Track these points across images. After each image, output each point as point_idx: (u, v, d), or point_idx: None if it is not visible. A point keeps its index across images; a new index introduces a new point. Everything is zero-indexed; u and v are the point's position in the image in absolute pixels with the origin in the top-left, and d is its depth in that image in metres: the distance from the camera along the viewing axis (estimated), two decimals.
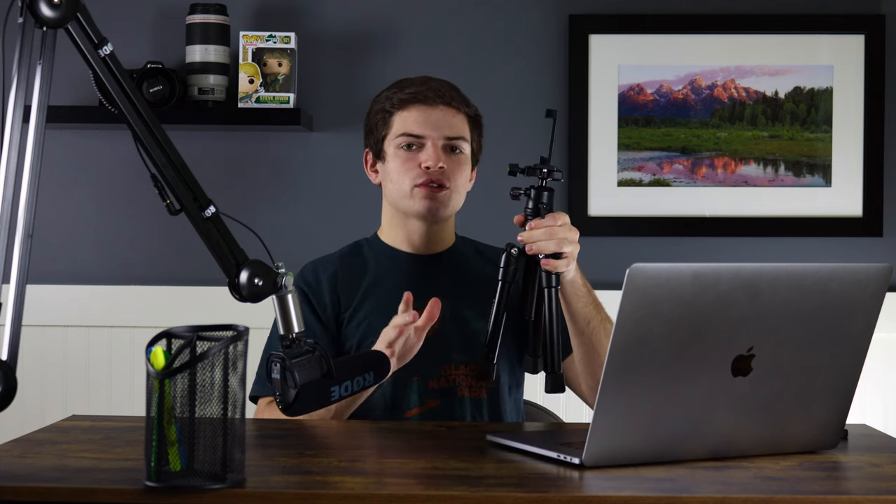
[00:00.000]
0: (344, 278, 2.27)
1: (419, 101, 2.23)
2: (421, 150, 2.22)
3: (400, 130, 2.23)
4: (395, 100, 2.25)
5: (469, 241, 2.36)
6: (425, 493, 1.45)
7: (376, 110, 2.28)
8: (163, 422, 1.45)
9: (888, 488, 1.53)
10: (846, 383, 1.72)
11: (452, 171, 2.22)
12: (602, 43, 3.10)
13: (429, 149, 2.21)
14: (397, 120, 2.24)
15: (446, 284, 2.25)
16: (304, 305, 2.22)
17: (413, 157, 2.22)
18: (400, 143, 2.23)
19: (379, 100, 2.29)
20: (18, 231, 1.53)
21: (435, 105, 2.23)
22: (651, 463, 1.62)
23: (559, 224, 2.05)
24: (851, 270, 1.67)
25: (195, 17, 3.01)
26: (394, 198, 2.26)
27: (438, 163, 2.20)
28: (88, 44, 1.62)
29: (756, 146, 3.12)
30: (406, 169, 2.22)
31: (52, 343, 3.10)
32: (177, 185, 1.67)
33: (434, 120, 2.22)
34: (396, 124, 2.24)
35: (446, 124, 2.23)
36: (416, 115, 2.23)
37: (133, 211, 3.13)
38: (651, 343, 1.56)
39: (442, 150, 2.22)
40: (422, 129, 2.22)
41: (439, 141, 2.22)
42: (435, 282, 2.25)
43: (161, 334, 1.49)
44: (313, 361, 1.70)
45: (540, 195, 2.06)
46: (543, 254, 2.05)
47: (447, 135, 2.22)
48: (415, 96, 2.23)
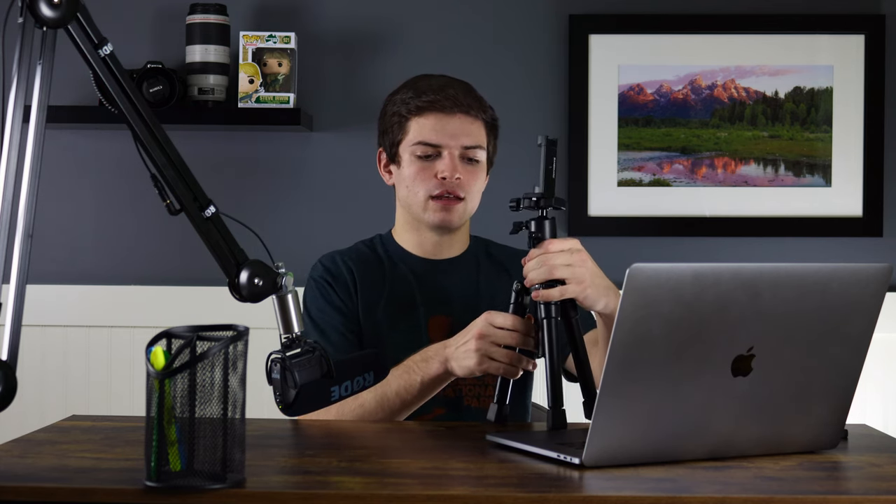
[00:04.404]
0: (363, 272, 2.25)
1: (436, 109, 2.20)
2: (437, 158, 2.20)
3: (416, 138, 2.21)
4: (412, 105, 2.21)
5: (482, 244, 2.35)
6: (425, 493, 1.45)
7: (392, 112, 2.25)
8: (163, 422, 1.45)
9: (888, 488, 1.53)
10: (846, 383, 1.72)
11: (468, 181, 2.21)
12: (602, 43, 3.10)
13: (446, 159, 2.19)
14: (413, 126, 2.21)
15: (456, 292, 2.25)
16: (329, 292, 2.21)
17: (429, 166, 2.20)
18: (416, 151, 2.21)
19: (395, 101, 2.25)
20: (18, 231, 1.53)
21: (453, 113, 2.20)
22: (651, 463, 1.62)
23: (555, 250, 1.91)
24: (851, 270, 1.67)
25: (195, 17, 3.01)
26: (408, 204, 2.24)
27: (455, 174, 2.18)
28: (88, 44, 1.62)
29: (756, 146, 3.12)
30: (422, 178, 2.20)
31: (52, 343, 3.10)
32: (177, 185, 1.67)
33: (451, 129, 2.20)
34: (413, 131, 2.21)
35: (464, 133, 2.20)
36: (434, 122, 2.20)
37: (133, 211, 3.13)
38: (651, 343, 1.56)
39: (458, 159, 2.20)
40: (439, 138, 2.20)
41: (456, 150, 2.20)
42: (446, 289, 2.25)
43: (161, 334, 1.49)
44: (313, 361, 1.70)
45: (540, 225, 1.94)
46: (536, 283, 1.91)
47: (465, 144, 2.20)
48: (433, 104, 2.20)
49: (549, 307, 1.90)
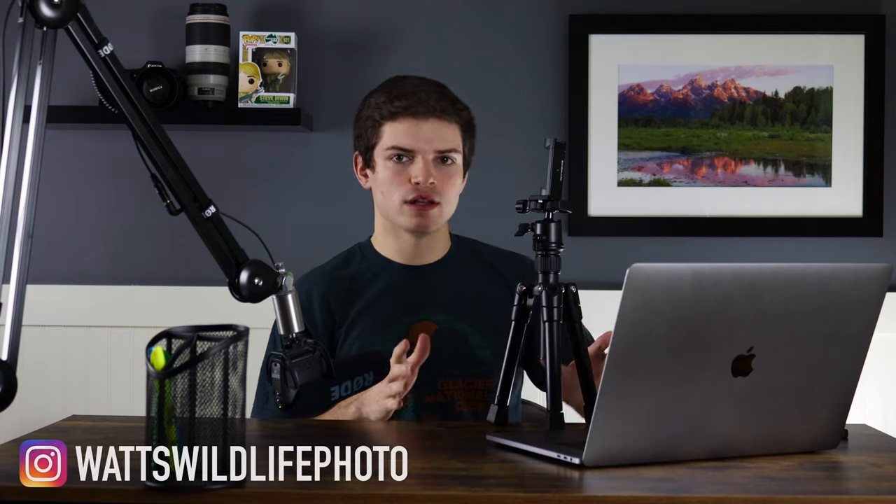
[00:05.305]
0: (337, 296, 2.23)
1: (410, 114, 2.19)
2: (411, 163, 2.19)
3: (390, 143, 2.20)
4: (385, 111, 2.20)
5: (467, 244, 2.33)
6: (425, 493, 1.45)
7: (365, 116, 2.24)
8: (163, 422, 1.45)
9: (888, 488, 1.53)
10: (846, 383, 1.72)
11: (443, 184, 2.19)
12: (602, 43, 3.10)
13: (419, 163, 2.18)
14: (387, 131, 2.20)
15: (441, 297, 2.24)
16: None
17: (403, 170, 2.19)
18: (390, 156, 2.20)
19: (368, 105, 2.25)
20: (18, 231, 1.53)
21: (426, 118, 2.19)
22: (651, 463, 1.62)
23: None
24: (851, 270, 1.67)
25: (195, 17, 3.01)
26: (384, 209, 2.24)
27: (429, 179, 2.17)
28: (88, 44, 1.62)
29: (756, 146, 3.12)
30: (396, 183, 2.19)
31: (52, 343, 3.10)
32: (177, 185, 1.67)
33: (425, 133, 2.19)
34: (386, 136, 2.20)
35: (437, 137, 2.19)
36: (407, 127, 2.19)
37: (133, 211, 3.13)
38: (651, 343, 1.56)
39: (433, 163, 2.19)
40: (413, 142, 2.18)
41: (430, 155, 2.19)
42: (429, 295, 2.24)
43: (161, 334, 1.49)
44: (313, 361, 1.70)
45: (546, 228, 1.91)
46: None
47: (438, 148, 2.19)
48: (405, 109, 2.19)
49: (552, 310, 1.89)
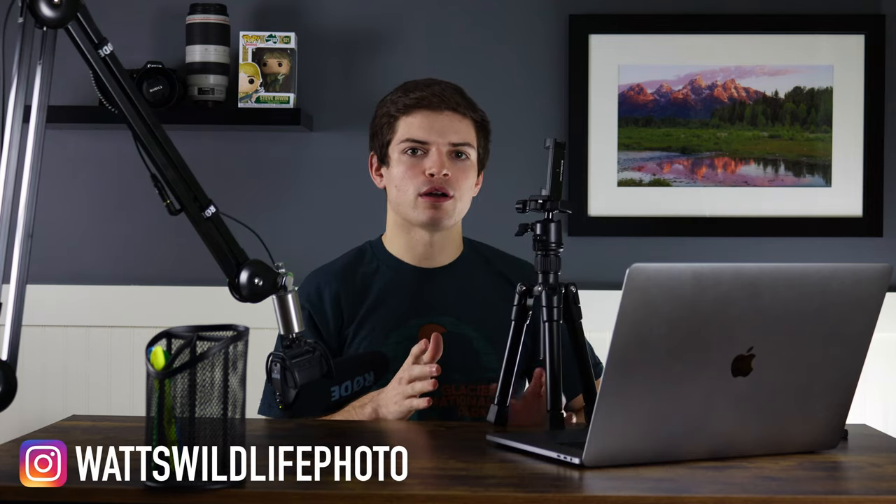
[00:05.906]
0: (347, 295, 2.24)
1: (424, 106, 2.21)
2: (426, 156, 2.21)
3: (404, 136, 2.22)
4: (400, 104, 2.23)
5: (478, 249, 2.34)
6: (425, 493, 1.45)
7: (381, 114, 2.27)
8: (163, 422, 1.45)
9: (888, 488, 1.53)
10: (846, 383, 1.72)
11: (457, 178, 2.21)
12: (602, 43, 3.10)
13: (433, 155, 2.20)
14: (402, 125, 2.22)
15: (449, 300, 2.24)
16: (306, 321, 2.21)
17: (417, 163, 2.21)
18: (404, 149, 2.22)
19: (384, 104, 2.27)
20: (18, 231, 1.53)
21: (440, 111, 2.21)
22: (651, 463, 1.62)
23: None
24: (851, 270, 1.67)
25: (195, 17, 3.01)
26: (397, 205, 2.24)
27: (443, 170, 2.19)
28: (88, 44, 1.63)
29: (756, 146, 3.12)
30: (410, 176, 2.20)
31: (52, 343, 3.10)
32: (177, 185, 1.67)
33: (439, 126, 2.21)
34: (401, 129, 2.22)
35: (451, 130, 2.21)
36: (421, 120, 2.21)
37: (133, 211, 3.13)
38: (651, 343, 1.56)
39: (447, 156, 2.20)
40: (426, 134, 2.20)
41: (444, 147, 2.20)
42: (438, 297, 2.24)
43: (161, 334, 1.49)
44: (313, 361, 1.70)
45: (546, 228, 1.91)
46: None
47: (452, 141, 2.21)
48: (420, 101, 2.21)
49: (552, 310, 1.89)
